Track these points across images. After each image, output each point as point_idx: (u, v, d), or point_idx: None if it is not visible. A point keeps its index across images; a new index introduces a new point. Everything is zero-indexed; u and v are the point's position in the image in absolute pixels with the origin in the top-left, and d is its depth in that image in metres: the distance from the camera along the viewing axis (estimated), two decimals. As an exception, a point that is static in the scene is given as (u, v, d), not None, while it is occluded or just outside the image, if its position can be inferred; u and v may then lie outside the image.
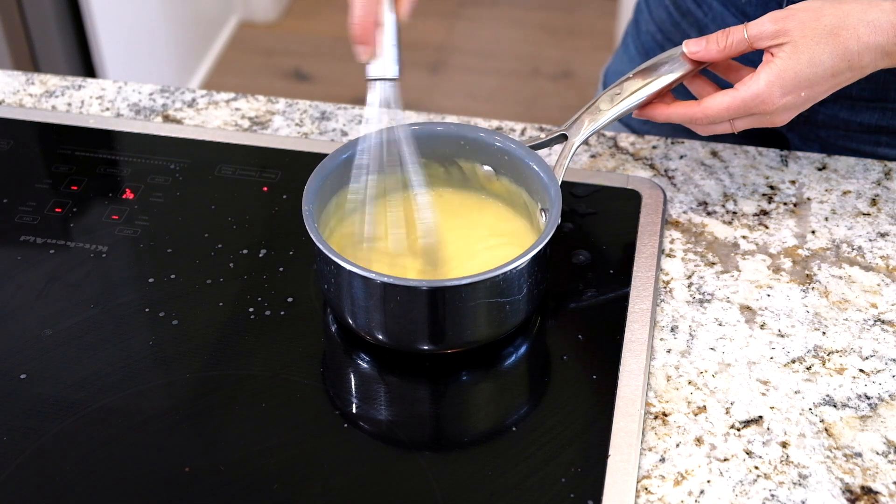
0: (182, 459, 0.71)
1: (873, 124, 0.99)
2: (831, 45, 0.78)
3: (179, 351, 0.78)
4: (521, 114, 2.56)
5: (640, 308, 0.81)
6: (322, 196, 0.80)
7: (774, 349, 0.79)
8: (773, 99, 0.79)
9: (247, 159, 0.96)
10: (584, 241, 0.87)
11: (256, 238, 0.87)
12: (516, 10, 3.01)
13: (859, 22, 0.78)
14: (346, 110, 1.01)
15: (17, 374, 0.77)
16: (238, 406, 0.75)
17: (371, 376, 0.78)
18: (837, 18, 0.78)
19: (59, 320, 0.81)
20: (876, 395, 0.76)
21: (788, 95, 0.79)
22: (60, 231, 0.88)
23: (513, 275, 0.73)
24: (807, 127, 1.02)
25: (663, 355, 0.78)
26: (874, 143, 1.00)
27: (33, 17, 1.99)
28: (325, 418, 0.75)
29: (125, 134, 0.99)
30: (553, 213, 0.77)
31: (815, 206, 0.91)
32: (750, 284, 0.84)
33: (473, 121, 0.99)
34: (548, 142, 0.85)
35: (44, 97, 1.04)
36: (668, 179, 0.94)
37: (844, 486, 0.70)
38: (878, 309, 0.82)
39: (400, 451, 0.73)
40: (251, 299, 0.82)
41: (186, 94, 1.04)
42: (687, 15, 1.04)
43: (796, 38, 0.78)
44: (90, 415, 0.74)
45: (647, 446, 0.72)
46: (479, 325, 0.76)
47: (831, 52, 0.78)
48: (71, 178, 0.94)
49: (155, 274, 0.84)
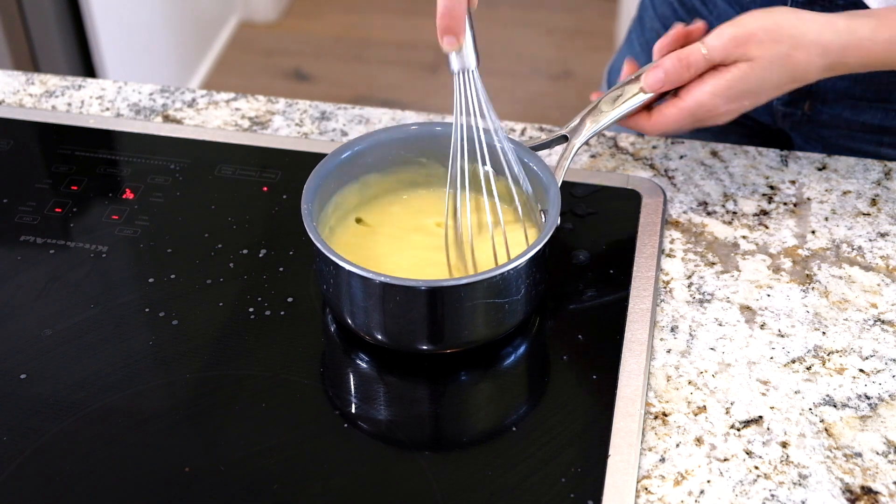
0: (182, 459, 0.71)
1: (876, 124, 0.99)
2: (782, 65, 0.82)
3: (179, 351, 0.78)
4: (521, 114, 2.56)
5: (640, 308, 0.81)
6: (321, 196, 0.80)
7: (774, 349, 0.79)
8: (718, 108, 0.83)
9: (247, 159, 0.96)
10: (584, 241, 0.87)
11: (256, 238, 0.87)
12: (516, 10, 3.01)
13: (812, 44, 0.81)
14: (346, 110, 1.01)
15: (17, 374, 0.77)
16: (238, 406, 0.75)
17: (371, 376, 0.78)
18: (793, 41, 0.81)
19: (59, 320, 0.81)
20: (876, 395, 0.76)
21: (732, 104, 0.83)
22: (60, 231, 0.88)
23: (511, 275, 0.73)
24: (809, 126, 1.02)
25: (663, 355, 0.78)
26: (877, 144, 1.00)
27: (33, 17, 1.99)
28: (324, 418, 0.75)
29: (125, 134, 0.99)
30: (552, 214, 0.77)
31: (815, 206, 0.91)
32: (750, 284, 0.84)
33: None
34: (548, 143, 0.85)
35: (44, 97, 1.04)
36: (668, 179, 0.94)
37: (844, 486, 0.70)
38: (878, 309, 0.82)
39: (400, 451, 0.73)
40: (251, 299, 0.82)
41: (186, 94, 1.04)
42: (692, 12, 1.05)
43: (754, 58, 0.81)
44: (90, 415, 0.74)
45: (647, 446, 0.72)
46: (477, 326, 0.76)
47: (781, 71, 0.82)
48: (71, 178, 0.94)
49: (155, 274, 0.84)
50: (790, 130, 1.04)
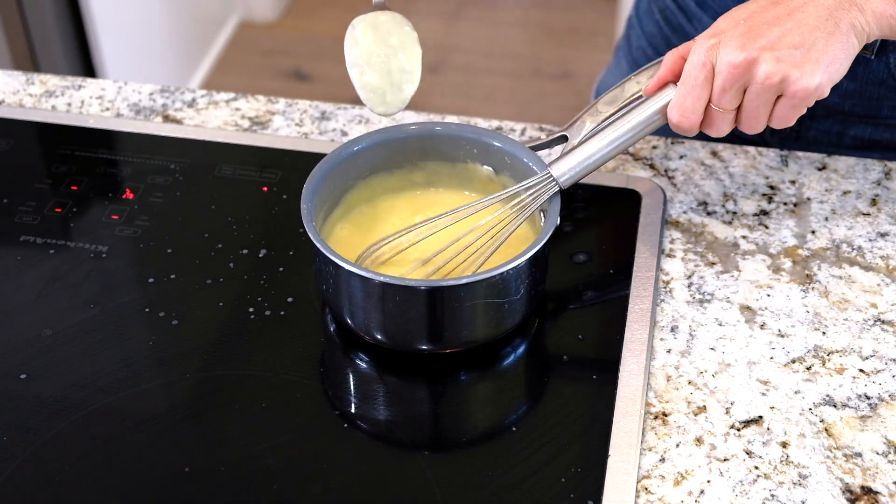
0: (182, 459, 0.71)
1: (867, 138, 0.99)
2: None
3: (179, 351, 0.78)
4: (521, 114, 2.56)
5: (640, 308, 0.81)
6: (321, 196, 0.80)
7: (774, 349, 0.79)
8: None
9: (247, 159, 0.96)
10: (584, 241, 0.87)
11: (256, 238, 0.87)
12: (516, 10, 3.01)
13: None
14: (346, 110, 1.01)
15: (17, 374, 0.77)
16: (238, 406, 0.75)
17: (370, 376, 0.78)
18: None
19: (59, 320, 0.81)
20: (876, 395, 0.76)
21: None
22: (60, 231, 0.89)
23: (510, 275, 0.73)
24: (798, 144, 1.02)
25: (663, 355, 0.78)
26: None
27: (33, 17, 1.99)
28: (324, 418, 0.75)
29: (125, 134, 0.99)
30: (551, 214, 0.77)
31: (815, 206, 0.91)
32: (750, 284, 0.84)
33: (473, 121, 0.99)
34: (548, 143, 0.85)
35: (44, 97, 1.04)
36: (668, 179, 0.94)
37: (844, 486, 0.70)
38: (878, 309, 0.82)
39: (400, 451, 0.73)
40: (251, 299, 0.82)
41: (186, 94, 1.04)
42: (678, 30, 1.05)
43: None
44: (90, 415, 0.74)
45: (647, 446, 0.72)
46: (476, 326, 0.76)
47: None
48: (71, 178, 0.94)
49: (155, 274, 0.84)
50: (780, 148, 1.05)
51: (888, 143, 0.99)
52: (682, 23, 1.04)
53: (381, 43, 0.82)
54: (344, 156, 0.82)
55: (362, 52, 0.81)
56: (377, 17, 0.82)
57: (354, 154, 0.83)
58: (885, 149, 0.99)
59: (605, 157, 0.80)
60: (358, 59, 0.81)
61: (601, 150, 0.80)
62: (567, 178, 0.79)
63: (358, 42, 0.82)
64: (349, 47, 0.82)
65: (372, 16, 0.82)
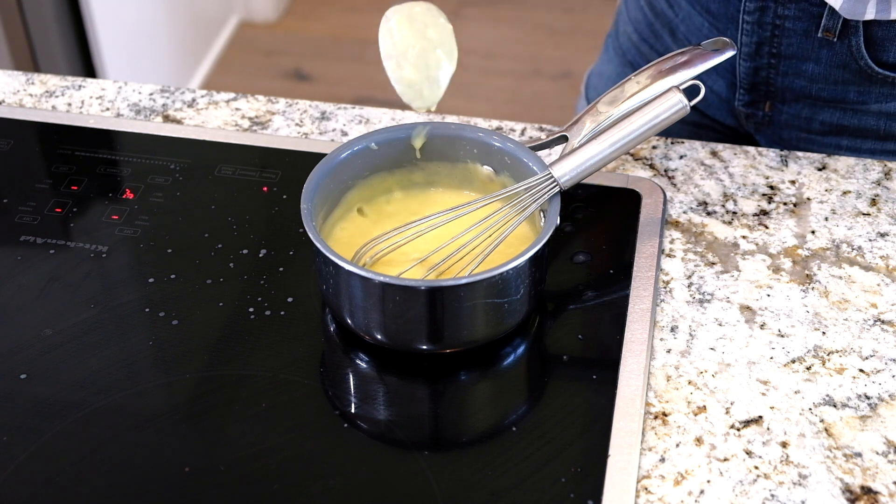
0: (182, 459, 0.71)
1: (835, 123, 1.00)
2: None
3: (179, 351, 0.78)
4: (521, 114, 2.56)
5: (640, 308, 0.81)
6: (321, 195, 0.80)
7: (774, 349, 0.79)
8: None
9: (247, 159, 0.96)
10: (584, 241, 0.87)
11: (256, 238, 0.87)
12: (516, 10, 3.01)
13: None
14: (346, 110, 1.01)
15: (17, 374, 0.77)
16: (238, 406, 0.75)
17: (371, 376, 0.78)
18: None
19: (59, 320, 0.81)
20: (876, 395, 0.76)
21: None
22: (60, 231, 0.89)
23: (511, 275, 0.73)
24: (771, 128, 1.03)
25: (663, 355, 0.78)
26: (835, 147, 1.01)
27: (33, 17, 1.99)
28: (324, 418, 0.75)
29: (125, 134, 0.99)
30: (551, 214, 0.77)
31: (815, 206, 0.91)
32: (750, 284, 0.84)
33: (473, 121, 0.99)
34: (548, 143, 0.85)
35: (44, 97, 1.04)
36: (668, 179, 0.94)
37: (844, 486, 0.70)
38: (878, 309, 0.82)
39: (400, 451, 0.73)
40: (251, 299, 0.82)
41: (186, 94, 1.04)
42: (660, 15, 1.07)
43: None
44: (90, 415, 0.74)
45: (647, 446, 0.72)
46: (476, 325, 0.76)
47: None
48: (71, 178, 0.94)
49: (155, 274, 0.84)
50: (755, 133, 1.05)
51: (856, 129, 1.00)
52: (664, 9, 1.06)
53: (418, 36, 0.80)
54: (344, 156, 0.82)
55: (398, 44, 0.80)
56: (412, 7, 0.81)
57: (354, 154, 0.83)
58: (853, 135, 1.00)
59: (606, 158, 0.80)
60: (393, 51, 0.80)
61: (603, 151, 0.80)
62: (568, 179, 0.79)
63: (393, 34, 0.80)
64: (383, 38, 0.80)
65: (407, 7, 0.81)
